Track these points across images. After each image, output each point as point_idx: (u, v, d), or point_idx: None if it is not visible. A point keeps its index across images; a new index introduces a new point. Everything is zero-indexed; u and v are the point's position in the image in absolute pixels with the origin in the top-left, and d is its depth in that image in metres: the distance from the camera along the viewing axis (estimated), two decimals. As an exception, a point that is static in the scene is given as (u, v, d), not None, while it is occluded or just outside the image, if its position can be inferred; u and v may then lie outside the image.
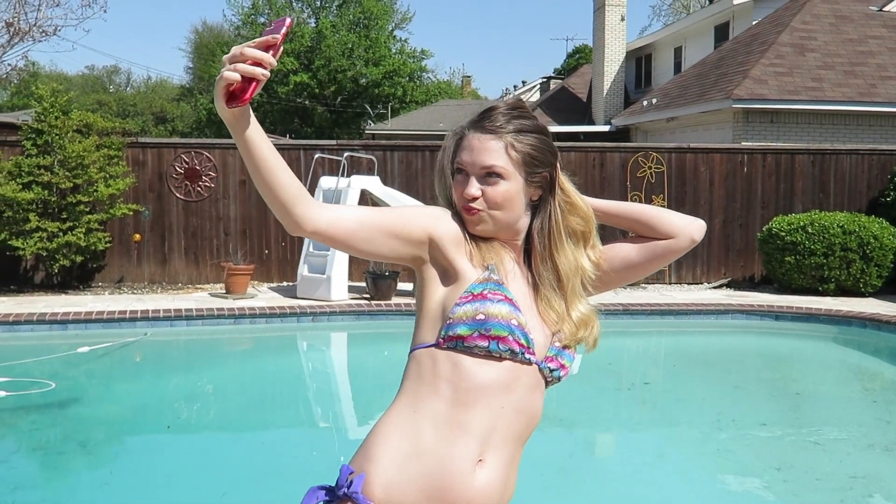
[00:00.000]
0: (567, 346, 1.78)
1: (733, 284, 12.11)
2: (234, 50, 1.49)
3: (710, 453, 5.75)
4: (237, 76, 1.48)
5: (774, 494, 4.93)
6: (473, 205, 1.74)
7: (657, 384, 7.95)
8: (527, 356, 1.70)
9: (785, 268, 10.98)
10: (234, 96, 1.50)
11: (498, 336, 1.65)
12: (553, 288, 1.81)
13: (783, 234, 10.93)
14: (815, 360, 8.98)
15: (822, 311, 9.60)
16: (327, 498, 1.68)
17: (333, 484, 1.70)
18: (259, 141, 1.57)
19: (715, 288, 11.91)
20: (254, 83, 1.49)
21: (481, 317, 1.65)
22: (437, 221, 1.74)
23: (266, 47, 1.50)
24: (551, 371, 1.75)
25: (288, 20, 1.52)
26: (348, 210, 1.70)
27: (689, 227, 1.93)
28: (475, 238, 1.77)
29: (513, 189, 1.75)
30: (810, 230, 10.78)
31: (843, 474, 5.18)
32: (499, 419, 1.68)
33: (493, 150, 1.74)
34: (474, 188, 1.73)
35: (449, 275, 1.73)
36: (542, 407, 1.78)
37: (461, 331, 1.66)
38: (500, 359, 1.68)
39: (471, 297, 1.68)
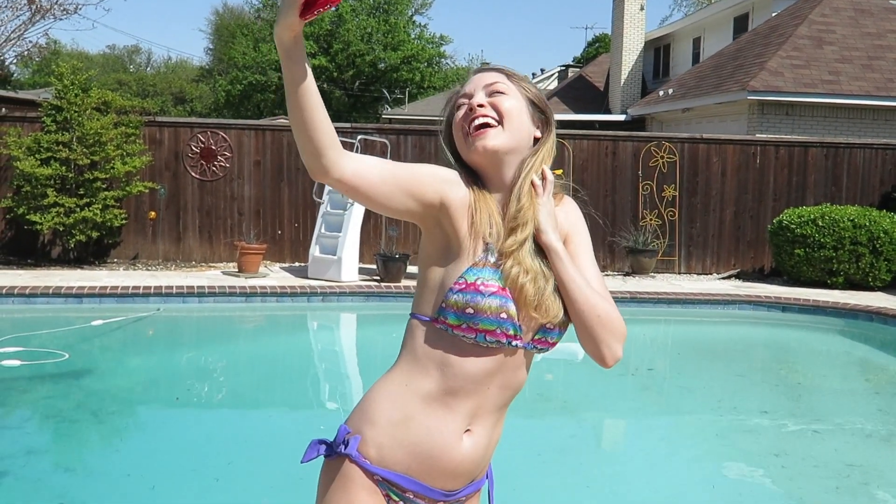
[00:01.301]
0: (554, 324, 1.78)
1: (742, 276, 12.14)
2: None
3: (709, 438, 5.82)
4: None
5: (771, 480, 5.00)
6: (480, 115, 1.76)
7: (661, 371, 8.02)
8: (514, 344, 1.74)
9: (794, 260, 11.01)
10: (314, 4, 1.48)
11: (485, 330, 1.70)
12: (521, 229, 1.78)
13: (794, 226, 10.96)
14: (820, 351, 9.02)
15: (829, 303, 9.63)
16: (327, 452, 1.79)
17: (332, 440, 1.80)
18: (308, 74, 1.56)
19: (724, 279, 11.94)
20: None
21: (470, 311, 1.69)
22: (449, 185, 1.75)
23: None
24: (539, 350, 1.80)
25: None
26: (372, 162, 1.70)
27: (595, 360, 1.81)
28: (479, 203, 1.76)
29: (518, 105, 1.80)
30: (821, 223, 10.80)
31: (841, 462, 5.25)
32: (485, 398, 1.76)
33: (497, 77, 1.82)
34: (479, 97, 1.78)
35: (451, 245, 1.76)
36: (528, 375, 1.84)
37: (451, 320, 1.71)
38: (486, 348, 1.73)
39: (464, 286, 1.70)
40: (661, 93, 20.43)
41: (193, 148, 11.47)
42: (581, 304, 1.76)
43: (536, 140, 1.85)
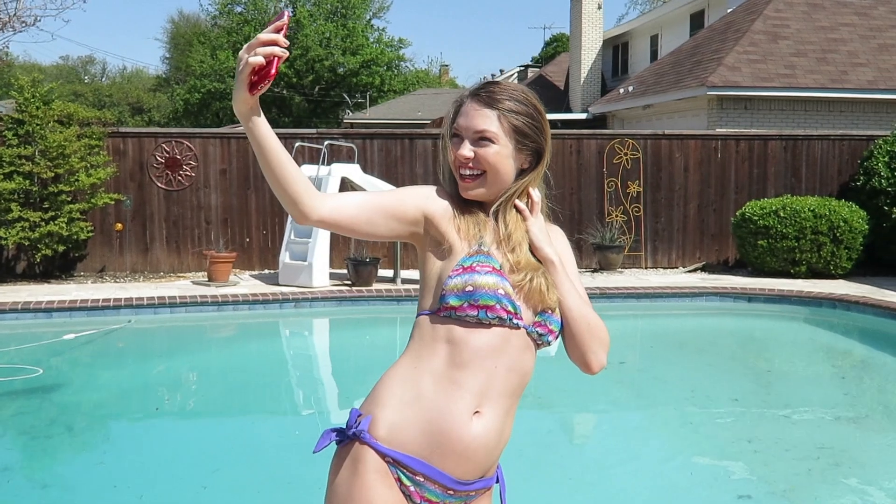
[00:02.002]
0: (553, 308, 1.90)
1: (708, 268, 12.35)
2: (251, 42, 1.67)
3: (683, 427, 5.95)
4: (261, 59, 1.66)
5: (745, 464, 5.13)
6: (467, 170, 1.89)
7: (633, 363, 8.15)
8: (514, 321, 1.82)
9: (758, 251, 11.22)
10: (257, 80, 1.69)
11: (486, 305, 1.79)
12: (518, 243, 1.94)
13: (756, 218, 11.17)
14: (787, 339, 9.22)
15: (794, 292, 9.85)
16: (339, 438, 1.85)
17: (344, 426, 1.86)
18: (271, 136, 1.74)
19: (690, 272, 12.14)
20: (276, 60, 1.68)
21: (470, 288, 1.79)
22: (429, 200, 1.90)
23: (276, 31, 1.68)
24: (539, 335, 1.88)
25: (286, 14, 1.72)
26: (349, 197, 1.85)
27: (580, 367, 1.96)
28: (463, 213, 1.91)
29: (503, 152, 1.89)
30: (782, 214, 11.02)
31: (811, 445, 5.39)
32: (493, 377, 1.83)
33: (487, 117, 1.88)
34: (467, 149, 1.87)
35: (443, 248, 1.89)
36: (534, 365, 1.92)
37: (453, 302, 1.80)
38: (490, 325, 1.82)
39: (461, 270, 1.82)
40: (622, 90, 20.66)
41: (158, 158, 11.42)
42: (574, 311, 1.91)
43: (523, 168, 1.95)
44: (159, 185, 11.45)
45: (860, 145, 12.56)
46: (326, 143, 11.10)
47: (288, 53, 1.68)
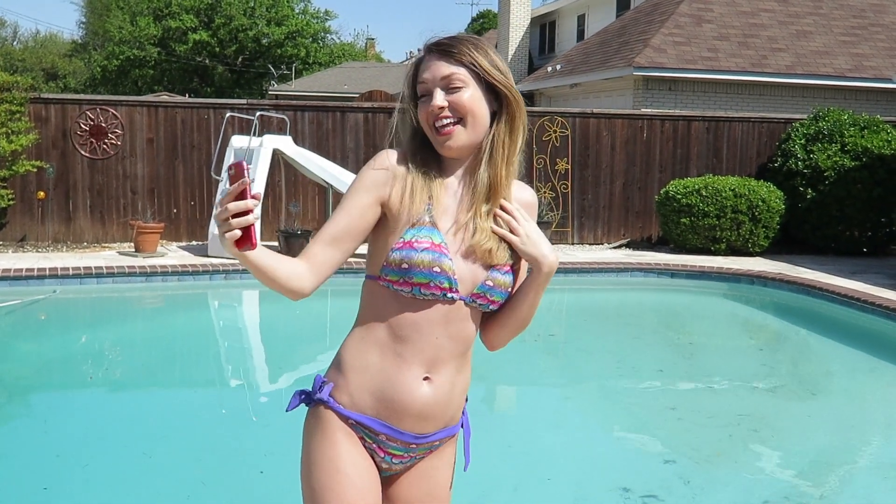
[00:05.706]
0: (496, 282, 1.90)
1: (632, 245, 12.67)
2: (221, 214, 1.70)
3: (611, 396, 6.17)
4: (238, 233, 1.71)
5: (669, 431, 5.36)
6: (443, 116, 1.84)
7: (561, 336, 8.36)
8: (449, 296, 1.85)
9: (680, 229, 11.56)
10: (241, 244, 1.74)
11: (419, 283, 1.83)
12: (484, 200, 1.91)
13: (679, 196, 11.50)
14: (707, 313, 9.56)
15: (714, 269, 10.20)
16: (307, 400, 1.96)
17: (310, 389, 1.97)
18: (262, 258, 1.80)
19: (615, 248, 12.44)
20: (251, 228, 1.73)
21: (405, 266, 1.82)
22: (381, 188, 1.87)
23: (241, 192, 1.70)
24: (480, 305, 1.92)
25: (245, 164, 1.73)
26: (317, 249, 1.88)
27: (483, 341, 2.04)
28: (415, 178, 1.87)
29: (476, 94, 1.86)
30: (704, 193, 11.37)
31: (732, 413, 5.66)
32: (437, 348, 1.89)
33: (451, 66, 1.86)
34: (440, 99, 1.84)
35: (395, 214, 1.87)
36: (478, 325, 1.96)
37: (391, 276, 1.85)
38: (425, 301, 1.86)
39: (402, 245, 1.83)
40: (550, 68, 20.88)
41: (82, 125, 11.13)
42: (524, 311, 2.00)
43: (492, 111, 1.90)
44: (83, 153, 11.18)
45: (778, 128, 13.01)
46: (258, 114, 10.98)
47: (258, 217, 1.75)
